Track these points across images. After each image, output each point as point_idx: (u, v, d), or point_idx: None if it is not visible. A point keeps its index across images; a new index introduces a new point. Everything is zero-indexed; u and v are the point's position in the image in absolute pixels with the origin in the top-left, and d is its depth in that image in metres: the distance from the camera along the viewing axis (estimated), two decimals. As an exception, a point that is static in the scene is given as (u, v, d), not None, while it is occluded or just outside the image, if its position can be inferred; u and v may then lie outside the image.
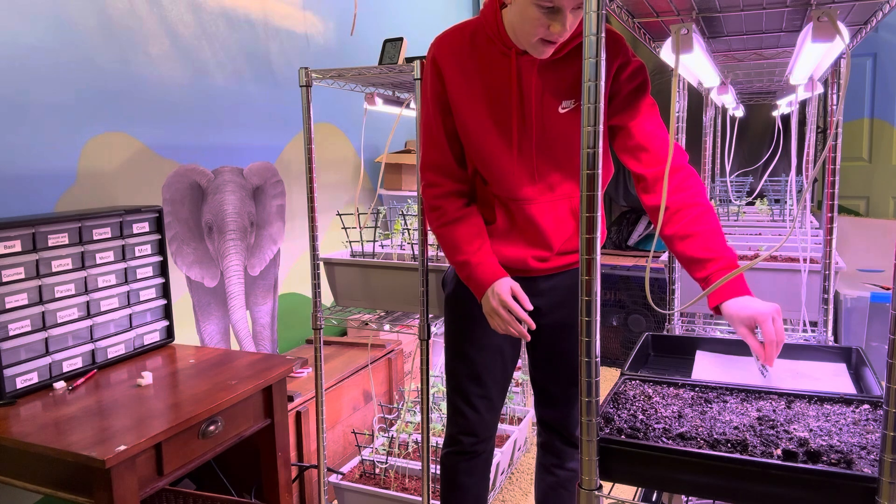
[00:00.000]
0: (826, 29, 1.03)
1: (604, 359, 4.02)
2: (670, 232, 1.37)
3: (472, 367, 1.62)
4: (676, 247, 1.36)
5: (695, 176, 1.41)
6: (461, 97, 1.49)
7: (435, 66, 1.51)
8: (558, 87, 1.44)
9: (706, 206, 1.37)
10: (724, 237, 1.34)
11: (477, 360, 1.62)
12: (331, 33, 3.04)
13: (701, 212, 1.35)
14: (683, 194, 1.37)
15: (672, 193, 1.37)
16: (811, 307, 1.88)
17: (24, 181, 1.79)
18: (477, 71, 1.47)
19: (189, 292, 2.33)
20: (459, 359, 1.64)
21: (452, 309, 1.66)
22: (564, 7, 1.28)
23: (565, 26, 1.30)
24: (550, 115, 1.45)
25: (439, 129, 1.53)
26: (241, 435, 1.67)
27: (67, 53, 1.88)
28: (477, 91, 1.48)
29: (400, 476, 2.27)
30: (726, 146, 3.09)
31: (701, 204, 1.36)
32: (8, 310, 1.54)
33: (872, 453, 0.91)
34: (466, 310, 1.63)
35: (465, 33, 1.50)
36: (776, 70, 1.94)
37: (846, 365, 1.37)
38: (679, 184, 1.38)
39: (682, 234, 1.35)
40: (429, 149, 1.57)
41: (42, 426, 1.40)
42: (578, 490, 0.96)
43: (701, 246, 1.32)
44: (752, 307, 1.23)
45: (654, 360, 1.50)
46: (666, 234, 1.38)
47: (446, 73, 1.50)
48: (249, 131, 2.57)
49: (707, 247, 1.31)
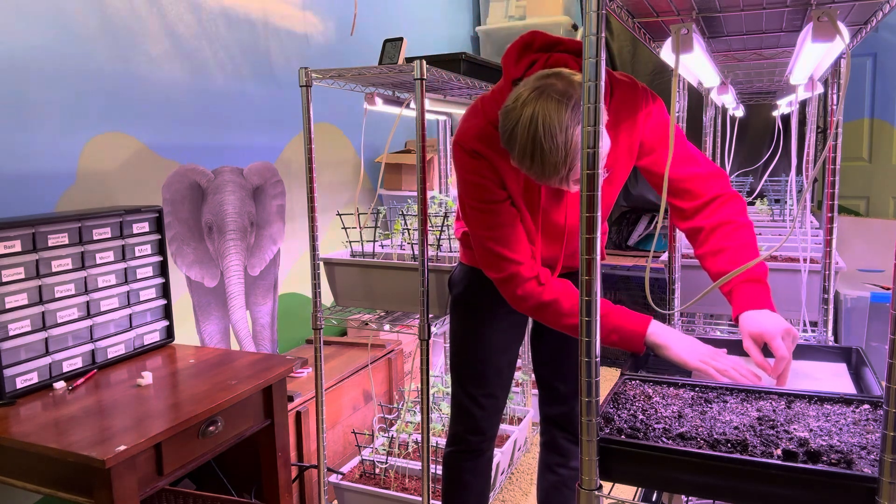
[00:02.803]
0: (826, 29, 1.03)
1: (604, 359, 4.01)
2: (703, 251, 1.36)
3: (479, 366, 1.63)
4: (707, 264, 1.35)
5: (736, 198, 1.39)
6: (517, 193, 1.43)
7: (485, 161, 1.40)
8: None
9: (741, 223, 1.35)
10: (756, 251, 1.31)
11: (484, 360, 1.62)
12: (331, 33, 3.04)
13: (734, 228, 1.33)
14: (721, 215, 1.35)
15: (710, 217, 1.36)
16: (811, 307, 1.88)
17: (24, 181, 1.79)
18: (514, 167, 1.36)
19: (189, 292, 2.33)
20: (466, 359, 1.65)
21: (460, 310, 1.67)
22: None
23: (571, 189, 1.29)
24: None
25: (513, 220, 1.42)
26: (241, 435, 1.67)
27: (67, 53, 1.88)
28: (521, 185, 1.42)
29: (400, 476, 2.27)
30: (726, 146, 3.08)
31: (735, 221, 1.34)
32: (8, 310, 1.54)
33: (872, 453, 0.91)
34: (474, 311, 1.63)
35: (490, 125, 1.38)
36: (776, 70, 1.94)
37: (846, 365, 1.37)
38: (718, 207, 1.37)
39: (713, 250, 1.34)
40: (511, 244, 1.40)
41: (42, 426, 1.40)
42: (578, 490, 0.96)
43: (728, 260, 1.31)
44: (763, 323, 1.21)
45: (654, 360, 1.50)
46: (698, 253, 1.38)
47: (501, 170, 1.40)
48: (249, 131, 2.57)
49: (734, 260, 1.29)
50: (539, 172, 1.23)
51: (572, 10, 4.21)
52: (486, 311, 1.56)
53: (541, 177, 1.24)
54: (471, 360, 1.64)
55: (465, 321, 1.65)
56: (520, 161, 1.24)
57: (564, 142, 1.18)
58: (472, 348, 1.63)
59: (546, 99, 1.18)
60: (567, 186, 1.26)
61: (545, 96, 1.19)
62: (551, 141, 1.18)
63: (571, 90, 1.19)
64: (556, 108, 1.18)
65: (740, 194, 1.41)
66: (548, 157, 1.19)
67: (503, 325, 1.62)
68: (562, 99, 1.18)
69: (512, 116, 1.22)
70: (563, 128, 1.17)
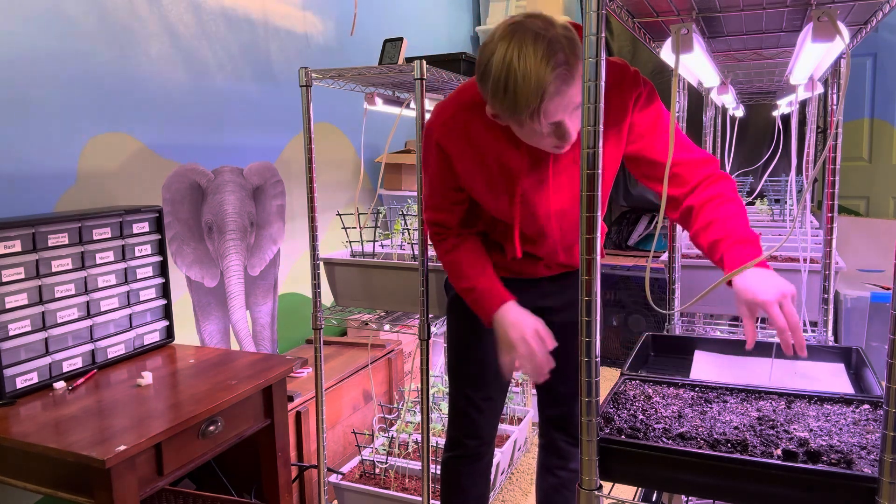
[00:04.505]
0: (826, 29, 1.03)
1: (604, 359, 4.02)
2: (695, 229, 1.31)
3: (475, 369, 1.62)
4: (700, 240, 1.30)
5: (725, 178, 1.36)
6: (477, 182, 1.44)
7: (441, 151, 1.44)
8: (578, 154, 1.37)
9: (728, 198, 1.30)
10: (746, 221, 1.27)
11: (481, 362, 1.62)
12: (331, 33, 3.04)
13: (721, 201, 1.29)
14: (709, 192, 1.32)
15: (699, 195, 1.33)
16: (811, 307, 1.88)
17: (24, 181, 1.79)
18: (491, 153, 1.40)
19: (189, 292, 2.33)
20: (463, 361, 1.64)
21: (456, 312, 1.66)
22: (563, 117, 1.21)
23: (569, 135, 1.24)
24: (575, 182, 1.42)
25: (446, 197, 1.50)
26: (241, 435, 1.67)
27: (67, 53, 1.88)
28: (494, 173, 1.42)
29: (400, 476, 2.27)
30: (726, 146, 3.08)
31: (723, 195, 1.30)
32: (8, 310, 1.54)
33: (872, 453, 0.91)
34: (470, 313, 1.63)
35: (469, 111, 1.41)
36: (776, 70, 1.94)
37: (845, 365, 1.37)
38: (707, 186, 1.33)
39: (703, 224, 1.29)
40: (434, 206, 1.53)
41: (42, 426, 1.40)
42: (578, 490, 0.96)
43: (718, 230, 1.25)
44: (756, 288, 1.12)
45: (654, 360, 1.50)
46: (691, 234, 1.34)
47: (457, 161, 1.43)
48: (249, 131, 2.57)
49: (724, 229, 1.24)
50: (512, 105, 1.19)
51: (572, 10, 4.21)
52: None
53: (513, 111, 1.20)
54: (467, 362, 1.64)
55: (461, 323, 1.65)
56: (493, 96, 1.20)
57: (537, 72, 1.14)
58: (469, 350, 1.63)
59: (523, 32, 1.16)
60: (539, 124, 1.22)
61: (522, 30, 1.16)
62: (525, 69, 1.14)
63: (549, 28, 1.16)
64: (532, 40, 1.15)
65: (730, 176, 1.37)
66: (521, 86, 1.15)
67: None
68: (539, 33, 1.15)
69: (488, 49, 1.19)
70: (539, 58, 1.14)
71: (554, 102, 1.17)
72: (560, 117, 1.21)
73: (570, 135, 1.24)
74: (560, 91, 1.17)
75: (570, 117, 1.22)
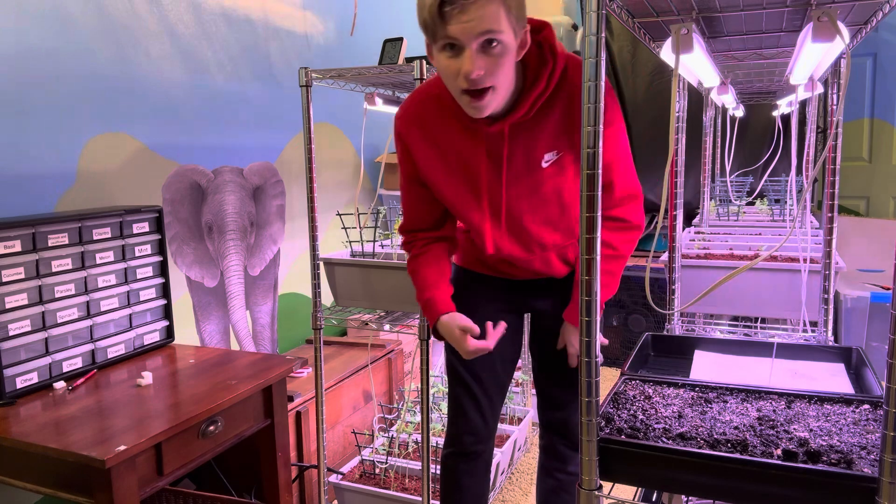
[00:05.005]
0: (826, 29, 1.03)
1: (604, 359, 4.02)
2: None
3: (472, 367, 1.62)
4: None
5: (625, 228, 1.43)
6: (436, 173, 1.46)
7: (402, 142, 1.47)
8: (536, 143, 1.38)
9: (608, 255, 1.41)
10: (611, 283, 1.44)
11: (478, 360, 1.62)
12: (331, 33, 3.04)
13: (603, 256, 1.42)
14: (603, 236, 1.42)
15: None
16: (811, 307, 1.88)
17: (24, 181, 1.79)
18: (449, 143, 1.42)
19: (189, 292, 2.33)
20: (460, 359, 1.64)
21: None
22: (465, 43, 1.19)
23: (473, 64, 1.19)
24: (537, 174, 1.40)
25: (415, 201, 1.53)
26: (241, 435, 1.67)
27: (67, 53, 1.88)
28: (452, 163, 1.43)
29: (400, 476, 2.27)
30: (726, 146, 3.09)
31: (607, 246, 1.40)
32: (8, 310, 1.54)
33: (872, 453, 0.91)
34: (466, 311, 1.63)
35: (429, 101, 1.43)
36: (776, 70, 1.94)
37: (845, 365, 1.37)
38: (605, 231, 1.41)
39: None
40: (405, 209, 1.56)
41: (42, 426, 1.40)
42: (578, 490, 0.96)
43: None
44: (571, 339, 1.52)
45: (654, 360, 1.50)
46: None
47: (415, 151, 1.46)
48: (249, 131, 2.57)
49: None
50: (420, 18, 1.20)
51: (572, 10, 4.21)
52: (478, 310, 1.58)
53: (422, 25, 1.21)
54: (463, 359, 1.64)
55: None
56: (419, 11, 1.21)
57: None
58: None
59: None
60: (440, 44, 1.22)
61: None
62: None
63: None
64: None
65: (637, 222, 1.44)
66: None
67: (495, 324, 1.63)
68: None
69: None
70: None
71: (454, 18, 1.16)
72: (459, 36, 1.18)
73: (472, 62, 1.19)
74: (460, 6, 1.15)
75: (475, 45, 1.19)
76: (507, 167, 1.40)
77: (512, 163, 1.40)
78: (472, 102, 1.25)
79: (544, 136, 1.37)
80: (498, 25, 1.17)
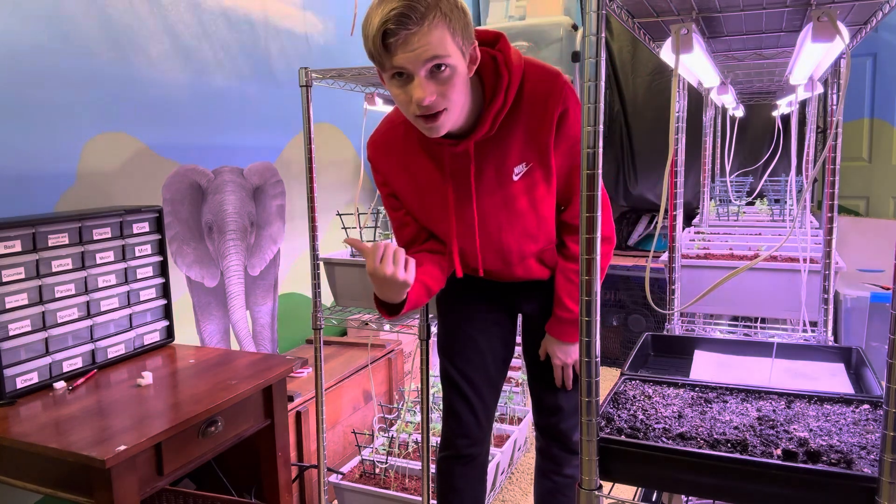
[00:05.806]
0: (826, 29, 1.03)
1: (604, 359, 4.02)
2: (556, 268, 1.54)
3: (464, 366, 1.63)
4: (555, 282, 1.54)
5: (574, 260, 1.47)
6: (409, 197, 1.47)
7: (376, 170, 1.49)
8: (505, 157, 1.37)
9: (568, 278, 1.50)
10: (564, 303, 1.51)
11: (469, 359, 1.62)
12: (331, 33, 3.04)
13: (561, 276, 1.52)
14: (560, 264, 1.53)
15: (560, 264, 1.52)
16: (811, 307, 1.88)
17: (24, 181, 1.79)
18: (418, 167, 1.43)
19: (189, 292, 2.33)
20: (451, 359, 1.65)
21: (443, 310, 1.67)
22: (412, 71, 1.17)
23: (425, 91, 1.18)
24: (509, 188, 1.40)
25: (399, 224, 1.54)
26: (240, 435, 1.67)
27: (67, 53, 1.88)
28: (423, 187, 1.44)
29: (400, 476, 2.27)
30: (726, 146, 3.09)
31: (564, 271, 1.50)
32: (8, 310, 1.54)
33: (872, 453, 0.91)
34: (457, 310, 1.64)
35: (397, 128, 1.44)
36: (776, 70, 1.94)
37: (845, 365, 1.37)
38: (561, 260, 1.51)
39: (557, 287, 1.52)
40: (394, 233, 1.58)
41: (42, 426, 1.40)
42: (578, 490, 0.96)
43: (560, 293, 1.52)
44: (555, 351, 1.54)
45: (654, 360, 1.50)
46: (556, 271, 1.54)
47: (389, 177, 1.47)
48: (249, 131, 2.57)
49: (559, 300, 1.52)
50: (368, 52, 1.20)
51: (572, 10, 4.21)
52: (465, 311, 1.59)
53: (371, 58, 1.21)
54: (455, 359, 1.65)
55: (448, 320, 1.67)
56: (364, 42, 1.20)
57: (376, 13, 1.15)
58: (456, 347, 1.64)
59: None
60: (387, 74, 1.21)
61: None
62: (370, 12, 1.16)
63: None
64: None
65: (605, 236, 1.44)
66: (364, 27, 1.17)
67: (483, 324, 1.63)
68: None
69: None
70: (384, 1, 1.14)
71: (399, 48, 1.15)
72: (406, 66, 1.17)
73: (423, 90, 1.18)
74: (403, 37, 1.14)
75: (423, 72, 1.18)
76: (477, 185, 1.39)
77: (482, 180, 1.39)
78: (426, 124, 1.24)
79: (512, 149, 1.37)
80: (444, 50, 1.16)
